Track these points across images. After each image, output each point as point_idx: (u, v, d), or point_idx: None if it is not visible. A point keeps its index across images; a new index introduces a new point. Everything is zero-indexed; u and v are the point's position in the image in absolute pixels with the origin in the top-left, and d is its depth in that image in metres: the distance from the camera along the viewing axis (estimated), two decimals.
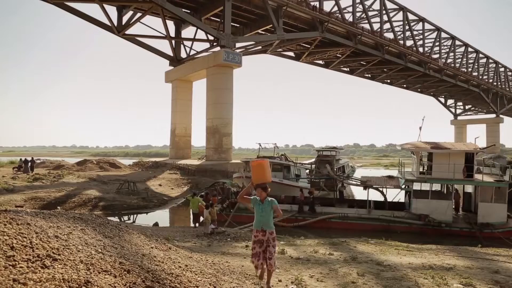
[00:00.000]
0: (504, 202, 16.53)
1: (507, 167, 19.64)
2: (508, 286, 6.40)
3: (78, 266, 3.57)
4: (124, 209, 21.58)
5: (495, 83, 76.75)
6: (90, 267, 3.68)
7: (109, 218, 12.93)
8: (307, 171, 28.20)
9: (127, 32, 38.88)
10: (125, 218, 20.30)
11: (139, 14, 37.11)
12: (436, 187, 19.08)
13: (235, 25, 41.38)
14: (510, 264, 8.27)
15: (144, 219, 19.66)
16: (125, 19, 38.43)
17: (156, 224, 16.76)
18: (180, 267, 5.24)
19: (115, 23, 37.53)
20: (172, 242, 8.46)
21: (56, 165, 37.81)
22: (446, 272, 7.24)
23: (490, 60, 74.34)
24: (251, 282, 5.96)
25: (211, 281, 5.10)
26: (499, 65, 77.24)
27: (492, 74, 77.27)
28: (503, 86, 79.81)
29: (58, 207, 18.69)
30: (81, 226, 5.22)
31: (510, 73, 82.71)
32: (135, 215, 20.93)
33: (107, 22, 36.78)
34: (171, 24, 42.91)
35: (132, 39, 40.63)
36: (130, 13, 38.23)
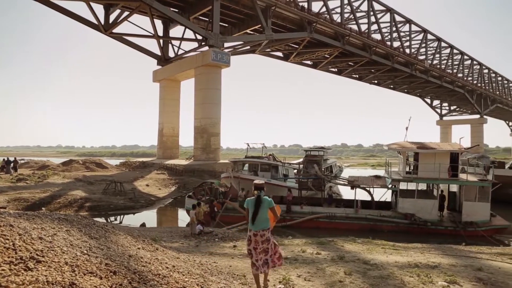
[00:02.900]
0: (487, 201, 16.84)
1: (490, 167, 19.99)
2: (490, 283, 6.54)
3: (63, 268, 3.53)
4: (110, 210, 21.33)
5: (479, 84, 78.21)
6: (75, 268, 3.64)
7: (95, 219, 12.78)
8: (295, 171, 28.31)
9: (114, 30, 38.43)
10: (112, 219, 20.07)
11: (126, 13, 36.71)
12: (422, 186, 19.35)
13: (224, 24, 41.30)
14: (492, 262, 8.43)
15: (131, 220, 19.48)
16: (112, 17, 38.00)
17: (143, 225, 16.62)
18: (167, 267, 5.21)
19: (102, 22, 37.07)
20: (159, 242, 8.40)
21: (40, 165, 37.21)
22: (431, 270, 7.35)
23: (475, 62, 75.75)
24: (239, 282, 5.96)
25: (199, 282, 5.08)
26: (483, 67, 78.77)
27: (477, 76, 78.78)
28: (487, 88, 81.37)
29: (43, 208, 18.42)
30: (66, 227, 5.15)
31: (493, 75, 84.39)
32: (122, 216, 20.71)
33: (94, 20, 36.33)
34: (159, 23, 42.63)
35: (120, 38, 40.21)
36: (118, 11, 37.81)
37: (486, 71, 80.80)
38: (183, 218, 20.17)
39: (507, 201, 23.38)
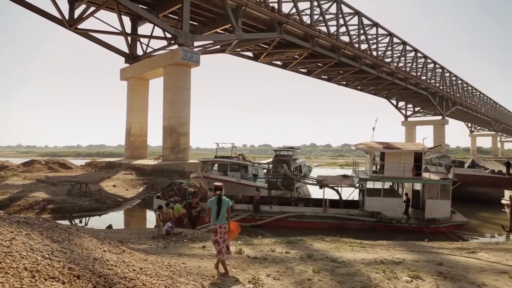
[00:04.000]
0: (448, 198, 17.59)
1: (451, 166, 20.89)
2: (450, 277, 6.86)
3: (22, 274, 3.37)
4: (75, 212, 20.63)
5: (441, 87, 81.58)
6: (36, 274, 3.48)
7: (58, 221, 12.30)
8: (265, 170, 28.45)
9: (80, 26, 37.15)
10: (77, 221, 19.42)
11: (92, 8, 35.58)
12: (388, 185, 19.92)
13: (194, 23, 40.89)
14: (452, 256, 8.82)
15: (97, 222, 18.93)
16: (77, 12, 36.66)
17: (109, 227, 16.18)
18: (134, 270, 5.09)
19: (67, 17, 35.70)
20: (126, 244, 8.20)
21: None
22: (396, 266, 7.60)
23: (437, 66, 78.96)
24: (208, 282, 5.92)
25: (167, 284, 5.01)
26: (445, 70, 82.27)
27: (439, 79, 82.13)
28: (448, 90, 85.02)
29: (1, 211, 17.54)
30: (26, 231, 4.92)
31: (454, 78, 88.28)
32: (87, 218, 20.08)
33: (58, 15, 34.92)
34: (127, 20, 41.65)
35: (85, 34, 38.87)
36: (83, 6, 36.54)
37: (447, 74, 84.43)
38: (151, 219, 19.79)
39: (466, 199, 24.54)
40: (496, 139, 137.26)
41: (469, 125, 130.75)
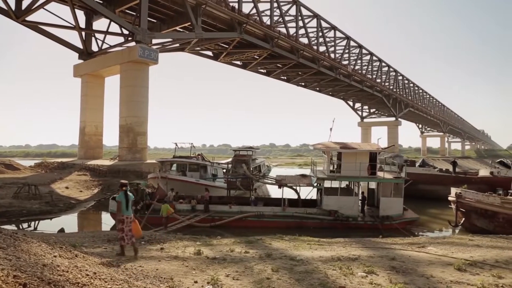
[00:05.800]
0: (401, 196, 18.40)
1: (404, 165, 21.86)
2: (402, 271, 7.19)
3: None
4: (23, 216, 19.42)
5: (394, 90, 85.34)
6: None
7: (3, 226, 11.57)
8: (224, 170, 28.34)
9: (28, 18, 35.07)
10: (25, 225, 18.32)
11: (42, 0, 33.68)
12: (345, 184, 20.48)
13: (152, 20, 39.91)
14: (404, 251, 9.24)
15: (48, 226, 17.97)
16: (26, 3, 34.53)
17: (61, 230, 15.45)
18: (87, 275, 4.89)
19: (13, 7, 33.52)
20: (79, 248, 7.84)
21: None
22: (352, 262, 7.84)
23: (391, 69, 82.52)
24: (166, 285, 5.80)
25: None
26: (398, 74, 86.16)
27: (393, 82, 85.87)
28: (401, 93, 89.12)
29: None
30: None
31: (406, 81, 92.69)
32: (37, 222, 18.99)
33: (2, 5, 32.74)
34: (81, 14, 39.90)
35: (35, 27, 36.76)
36: None
37: (400, 77, 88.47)
38: (107, 221, 19.11)
39: (417, 196, 25.80)
40: (444, 139, 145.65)
41: (420, 126, 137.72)
